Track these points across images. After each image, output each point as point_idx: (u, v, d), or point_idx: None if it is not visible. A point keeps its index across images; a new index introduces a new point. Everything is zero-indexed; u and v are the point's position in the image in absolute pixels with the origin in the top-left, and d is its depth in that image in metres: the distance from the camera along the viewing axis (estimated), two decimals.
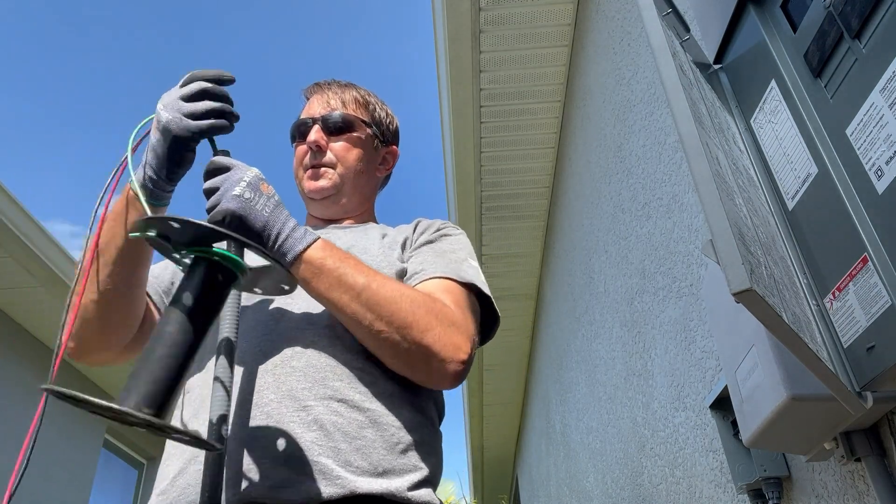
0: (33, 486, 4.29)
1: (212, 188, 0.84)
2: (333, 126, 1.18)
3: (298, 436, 0.84)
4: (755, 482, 1.29)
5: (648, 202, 2.03)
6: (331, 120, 1.18)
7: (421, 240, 1.10)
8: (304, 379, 0.89)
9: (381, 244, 1.08)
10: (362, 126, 1.21)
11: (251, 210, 0.82)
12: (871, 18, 0.76)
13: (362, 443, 0.86)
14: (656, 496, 2.13)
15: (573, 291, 3.48)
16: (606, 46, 2.48)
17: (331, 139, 1.18)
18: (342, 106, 1.21)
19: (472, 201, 3.90)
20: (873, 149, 0.76)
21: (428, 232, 1.12)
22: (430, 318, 0.88)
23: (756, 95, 1.01)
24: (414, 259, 1.06)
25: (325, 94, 1.23)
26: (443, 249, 1.07)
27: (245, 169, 0.86)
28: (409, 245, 1.11)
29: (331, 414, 0.87)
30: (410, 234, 1.13)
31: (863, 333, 0.78)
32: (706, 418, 1.62)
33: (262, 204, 0.83)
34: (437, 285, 0.98)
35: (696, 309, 1.67)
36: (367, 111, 1.24)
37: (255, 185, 0.84)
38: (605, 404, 2.84)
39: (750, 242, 0.75)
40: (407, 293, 0.90)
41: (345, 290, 0.86)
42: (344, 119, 1.19)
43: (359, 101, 1.24)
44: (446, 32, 2.92)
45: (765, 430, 1.01)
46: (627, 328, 2.39)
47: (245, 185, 0.83)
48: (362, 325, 0.87)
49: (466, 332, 0.93)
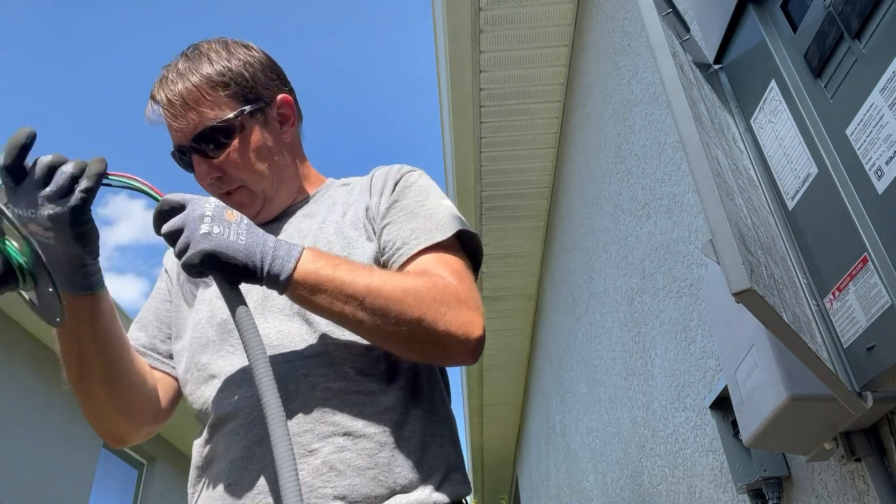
0: (33, 485, 4.29)
1: (173, 231, 0.76)
2: (209, 146, 0.98)
3: (310, 483, 0.82)
4: (755, 482, 1.29)
5: (648, 202, 2.03)
6: (202, 142, 0.97)
7: (386, 202, 1.01)
8: (303, 421, 0.86)
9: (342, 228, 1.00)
10: (235, 120, 0.98)
11: (227, 245, 0.75)
12: (871, 18, 0.75)
13: (377, 471, 0.84)
14: (656, 496, 2.13)
15: (573, 291, 3.48)
16: (606, 46, 2.48)
17: (218, 160, 0.98)
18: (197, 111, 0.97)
19: (472, 201, 3.90)
20: (873, 149, 0.76)
21: (388, 190, 1.02)
22: (437, 306, 0.84)
23: (756, 95, 1.01)
24: (390, 228, 0.97)
25: (169, 108, 0.97)
26: (411, 207, 0.99)
27: (203, 201, 0.78)
28: (375, 213, 1.01)
29: (338, 451, 0.84)
30: (371, 199, 1.03)
31: (863, 333, 0.78)
32: (706, 418, 1.62)
33: (234, 234, 0.77)
34: (429, 261, 0.92)
35: (696, 309, 1.67)
36: (223, 89, 0.99)
37: (220, 217, 0.77)
38: (605, 404, 2.83)
39: (750, 242, 0.75)
40: (409, 287, 0.85)
41: (346, 300, 0.81)
42: (213, 131, 0.97)
43: (205, 85, 0.98)
44: (446, 32, 2.92)
45: (765, 430, 1.01)
46: (627, 328, 2.39)
47: (210, 220, 0.76)
48: (371, 331, 0.84)
49: (474, 303, 0.89)
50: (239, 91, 1.00)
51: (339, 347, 0.90)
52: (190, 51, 1.02)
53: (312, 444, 0.84)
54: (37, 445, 4.45)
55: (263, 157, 1.01)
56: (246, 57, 1.03)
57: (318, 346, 0.90)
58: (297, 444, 0.84)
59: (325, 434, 0.85)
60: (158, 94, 0.98)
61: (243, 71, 1.01)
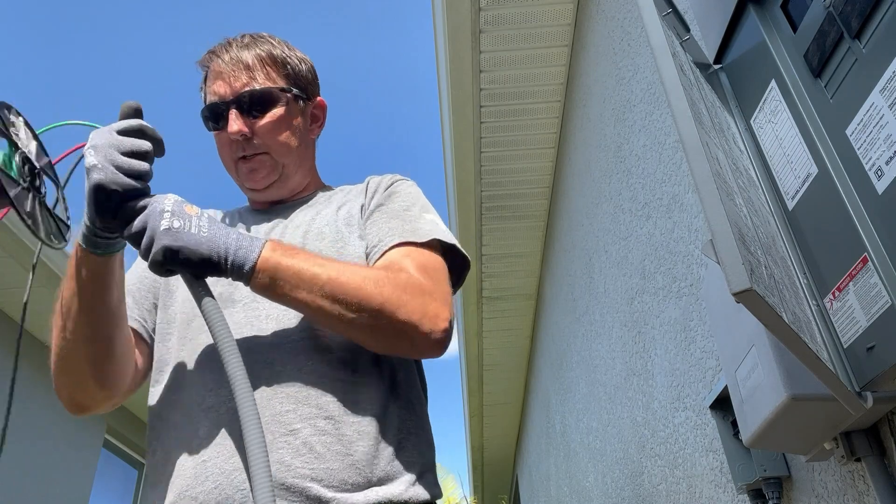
0: (33, 485, 4.29)
1: (136, 233, 0.78)
2: (252, 107, 1.03)
3: (288, 463, 0.82)
4: (755, 482, 1.29)
5: (648, 202, 2.03)
6: (247, 100, 1.02)
7: (373, 204, 1.04)
8: (287, 400, 0.87)
9: (335, 222, 1.02)
10: (282, 94, 1.06)
11: (188, 238, 0.77)
12: (871, 18, 0.76)
13: (355, 458, 0.85)
14: (656, 496, 2.13)
15: (573, 291, 3.48)
16: (606, 46, 2.48)
17: (253, 122, 1.03)
18: (251, 75, 1.04)
19: (472, 201, 3.90)
20: (873, 149, 0.76)
21: (378, 193, 1.06)
22: (399, 294, 0.85)
23: (756, 95, 1.01)
24: (371, 229, 1.00)
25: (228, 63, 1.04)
26: (395, 210, 1.01)
27: (161, 198, 0.80)
28: (366, 213, 1.04)
29: (319, 434, 0.85)
30: (364, 200, 1.06)
31: (863, 333, 0.78)
32: (706, 418, 1.62)
33: (195, 227, 0.78)
34: (397, 254, 0.94)
35: (696, 309, 1.67)
36: (280, 68, 1.07)
37: (180, 211, 0.79)
38: (605, 404, 2.84)
39: (750, 242, 0.75)
40: (370, 275, 0.86)
41: (306, 288, 0.82)
42: (262, 95, 1.03)
43: (267, 59, 1.06)
44: (446, 32, 2.92)
45: (765, 430, 1.01)
46: (627, 328, 2.39)
47: (170, 215, 0.78)
48: (332, 317, 0.84)
49: (440, 297, 0.90)
50: (292, 75, 1.09)
51: (330, 334, 0.91)
52: (254, 34, 1.10)
53: (294, 423, 0.85)
54: (37, 445, 4.46)
55: (294, 137, 1.08)
56: (302, 57, 1.13)
57: (308, 330, 0.92)
58: (280, 422, 0.85)
59: (308, 416, 0.86)
60: (222, 51, 1.05)
61: (299, 65, 1.11)
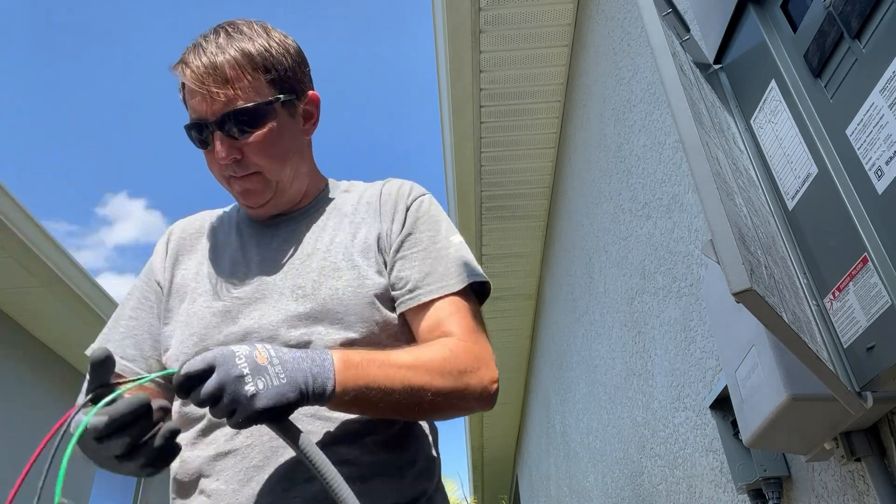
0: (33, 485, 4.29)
1: (211, 396, 0.69)
2: (237, 125, 0.93)
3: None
4: (755, 482, 1.29)
5: (648, 202, 2.03)
6: (231, 121, 0.93)
7: (398, 233, 1.01)
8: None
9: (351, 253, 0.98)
10: (269, 107, 0.95)
11: (277, 394, 0.71)
12: (871, 18, 0.76)
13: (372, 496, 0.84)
14: (656, 496, 2.13)
15: (573, 291, 3.48)
16: (606, 46, 2.48)
17: (241, 143, 0.94)
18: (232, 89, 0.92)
19: (472, 201, 3.90)
20: (873, 149, 0.76)
21: (399, 216, 1.02)
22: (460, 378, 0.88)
23: (756, 95, 1.01)
24: (402, 264, 0.98)
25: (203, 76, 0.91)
26: (424, 244, 1.00)
27: (231, 357, 0.71)
28: (387, 243, 1.00)
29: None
30: (382, 225, 1.02)
31: (863, 333, 0.78)
32: (706, 418, 1.62)
33: (276, 378, 0.72)
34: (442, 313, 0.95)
35: (696, 309, 1.67)
36: (262, 73, 0.95)
37: (256, 367, 0.71)
38: (605, 404, 2.84)
39: (750, 242, 0.75)
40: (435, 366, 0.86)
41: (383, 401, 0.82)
42: (247, 113, 0.93)
43: (246, 64, 0.93)
44: (446, 32, 2.92)
45: (765, 430, 1.01)
46: (627, 328, 2.39)
47: (251, 378, 0.70)
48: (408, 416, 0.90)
49: (488, 356, 0.94)
50: (277, 78, 0.97)
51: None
52: (229, 26, 0.97)
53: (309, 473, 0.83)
54: (37, 445, 4.45)
55: (286, 148, 0.99)
56: (284, 45, 1.00)
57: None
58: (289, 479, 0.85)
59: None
60: (194, 62, 0.92)
61: (283, 59, 0.98)
